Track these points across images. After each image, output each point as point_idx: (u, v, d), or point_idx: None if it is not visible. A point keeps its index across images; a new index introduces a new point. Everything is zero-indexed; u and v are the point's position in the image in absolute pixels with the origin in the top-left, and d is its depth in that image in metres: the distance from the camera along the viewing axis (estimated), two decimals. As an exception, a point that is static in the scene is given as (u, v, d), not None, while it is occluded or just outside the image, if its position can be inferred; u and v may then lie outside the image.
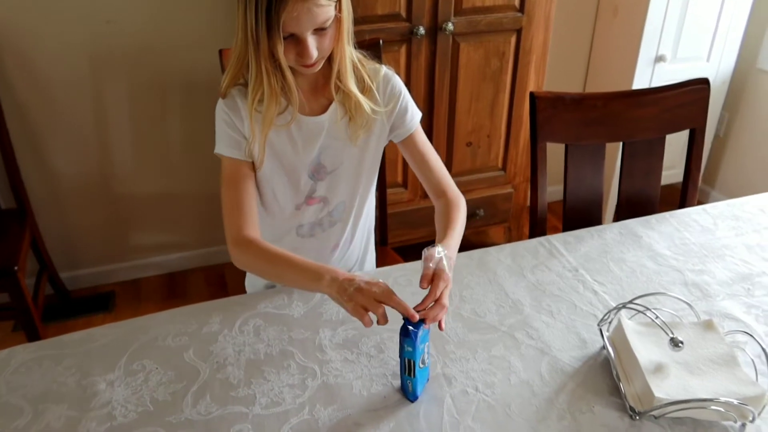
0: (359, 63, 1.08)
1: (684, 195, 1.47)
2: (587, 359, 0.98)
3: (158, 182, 2.26)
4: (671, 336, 0.89)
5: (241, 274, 1.36)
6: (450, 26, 1.95)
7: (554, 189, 2.09)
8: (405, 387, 0.89)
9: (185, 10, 2.00)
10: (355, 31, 1.05)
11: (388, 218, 1.74)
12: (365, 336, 1.02)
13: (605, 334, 0.99)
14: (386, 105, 1.11)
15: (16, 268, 1.73)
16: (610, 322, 1.01)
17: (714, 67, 2.52)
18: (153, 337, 1.02)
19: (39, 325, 1.85)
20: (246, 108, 1.03)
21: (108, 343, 1.01)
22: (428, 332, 0.89)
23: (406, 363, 0.87)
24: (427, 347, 0.89)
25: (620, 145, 1.42)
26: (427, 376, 0.93)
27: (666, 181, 2.29)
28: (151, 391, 0.91)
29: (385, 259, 1.64)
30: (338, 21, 0.96)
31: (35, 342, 1.01)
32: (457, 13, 1.97)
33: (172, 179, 2.28)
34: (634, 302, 0.97)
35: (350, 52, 1.04)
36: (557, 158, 1.50)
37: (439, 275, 0.90)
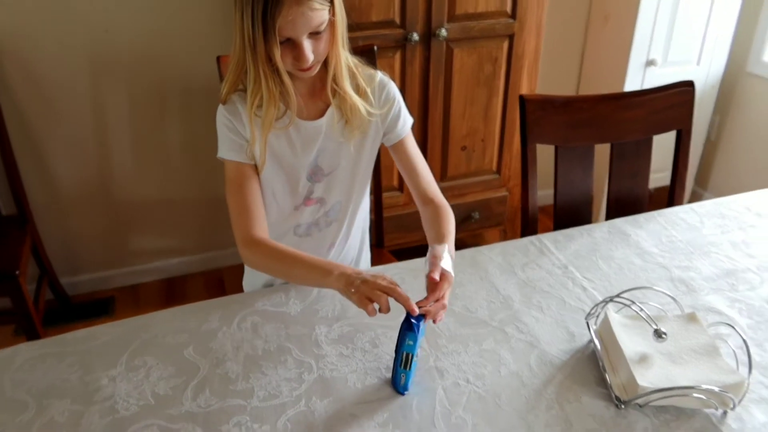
0: (355, 67, 1.11)
1: (672, 194, 1.51)
2: (575, 352, 1.01)
3: (157, 188, 2.30)
4: (655, 328, 0.92)
5: (240, 278, 1.39)
6: (443, 32, 1.99)
7: (548, 192, 2.11)
8: (397, 380, 0.91)
9: (184, 17, 2.03)
10: (350, 38, 1.09)
11: (384, 221, 1.77)
12: (360, 332, 1.05)
13: (592, 327, 1.02)
14: (381, 109, 1.14)
15: (17, 273, 1.75)
16: (597, 316, 1.04)
17: (704, 70, 2.56)
18: (153, 335, 1.05)
19: (40, 329, 1.87)
20: (246, 112, 1.06)
21: (110, 340, 1.04)
22: (425, 328, 0.93)
23: (404, 356, 0.90)
24: (421, 343, 0.93)
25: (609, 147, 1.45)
26: (416, 370, 0.95)
27: (657, 184, 2.34)
28: (152, 386, 0.94)
29: (381, 260, 1.67)
30: (332, 25, 1.00)
31: (39, 340, 1.03)
32: (450, 19, 2.01)
33: (171, 185, 2.31)
34: (621, 296, 1.01)
35: (345, 56, 1.07)
36: (551, 161, 1.53)
37: (445, 276, 0.95)
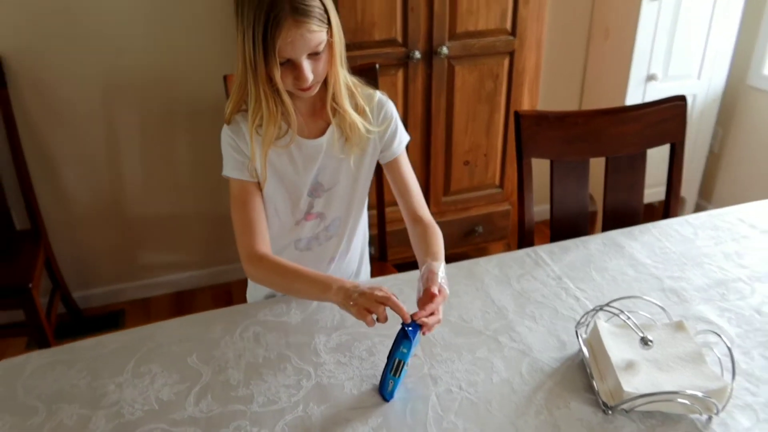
0: (354, 86, 1.16)
1: (667, 206, 1.53)
2: (566, 360, 1.04)
3: (167, 204, 2.36)
4: (641, 335, 0.95)
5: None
6: (445, 50, 2.04)
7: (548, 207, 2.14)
8: (385, 386, 0.95)
9: (193, 39, 2.10)
10: (354, 56, 1.13)
11: (387, 236, 1.81)
12: (357, 341, 1.09)
13: (582, 335, 1.04)
14: (379, 126, 1.18)
15: (30, 286, 1.81)
16: (587, 325, 1.07)
17: (705, 84, 2.59)
18: (159, 344, 1.09)
19: (52, 341, 1.92)
20: (248, 131, 1.11)
21: (117, 349, 1.08)
22: (419, 340, 0.96)
23: (396, 363, 0.93)
24: (413, 353, 0.96)
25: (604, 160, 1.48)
26: (403, 379, 0.98)
27: (654, 198, 2.35)
28: (157, 392, 0.98)
29: (383, 273, 1.69)
30: (330, 45, 1.04)
31: (49, 348, 1.08)
32: (451, 37, 2.06)
33: (181, 201, 2.37)
34: (610, 305, 1.04)
35: (344, 75, 1.12)
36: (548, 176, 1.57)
37: (442, 291, 0.99)
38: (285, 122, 1.11)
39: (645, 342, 0.95)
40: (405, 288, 1.23)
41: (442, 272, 1.03)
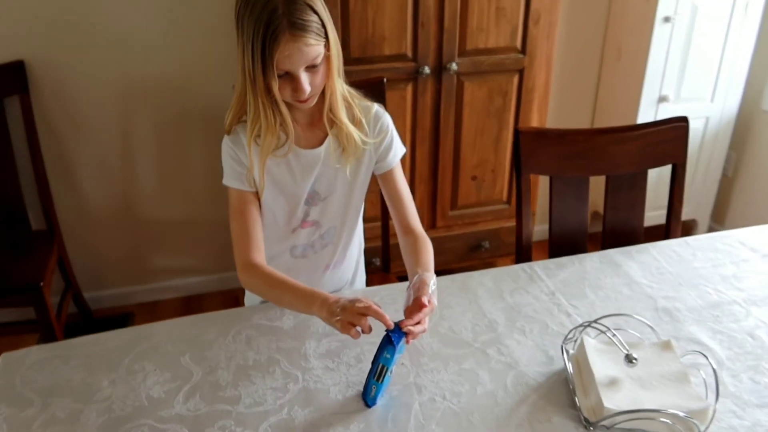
0: (351, 98, 1.19)
1: (668, 227, 1.53)
2: (552, 375, 1.04)
3: (179, 209, 2.40)
4: (626, 352, 0.96)
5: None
6: (454, 66, 2.07)
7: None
8: (368, 391, 0.96)
9: (207, 50, 2.16)
10: (364, 70, 1.16)
11: (390, 248, 1.83)
12: (347, 347, 1.11)
13: (568, 351, 1.05)
14: (375, 138, 1.21)
15: (42, 284, 1.86)
16: (575, 341, 1.08)
17: (719, 107, 2.58)
18: (155, 343, 1.12)
19: (60, 340, 1.97)
20: (247, 141, 1.14)
21: (113, 346, 1.11)
22: (404, 347, 0.98)
23: (379, 368, 0.95)
24: (397, 360, 0.98)
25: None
26: (387, 386, 1.00)
27: (660, 221, 2.33)
28: (148, 389, 1.01)
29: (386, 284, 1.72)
30: (328, 59, 1.07)
31: (49, 344, 1.11)
32: (461, 54, 2.08)
33: (192, 207, 2.41)
34: (598, 322, 1.04)
35: (341, 87, 1.15)
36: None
37: (430, 303, 1.00)
38: (283, 132, 1.14)
39: (629, 359, 0.95)
40: (398, 297, 1.24)
41: (433, 284, 1.05)
